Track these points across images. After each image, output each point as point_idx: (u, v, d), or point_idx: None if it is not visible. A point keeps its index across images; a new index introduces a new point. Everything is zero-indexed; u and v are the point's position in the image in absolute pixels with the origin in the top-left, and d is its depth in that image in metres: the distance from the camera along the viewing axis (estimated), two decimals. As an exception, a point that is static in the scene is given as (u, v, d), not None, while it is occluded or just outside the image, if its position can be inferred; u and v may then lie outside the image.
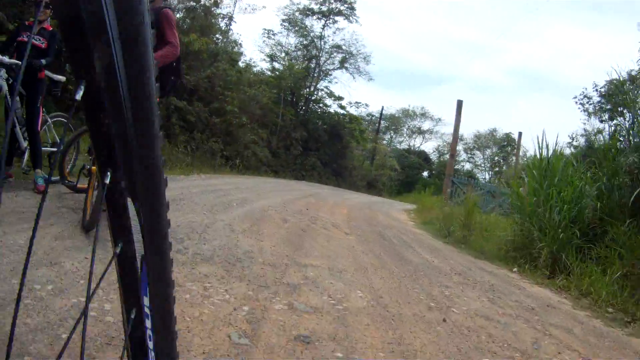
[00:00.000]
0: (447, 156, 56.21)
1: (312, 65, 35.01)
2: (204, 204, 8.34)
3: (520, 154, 31.31)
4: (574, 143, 26.15)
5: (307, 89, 33.97)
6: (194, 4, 22.06)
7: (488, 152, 57.13)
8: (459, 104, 22.52)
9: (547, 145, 10.74)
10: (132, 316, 0.77)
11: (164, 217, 0.72)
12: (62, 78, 7.00)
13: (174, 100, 18.70)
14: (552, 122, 74.42)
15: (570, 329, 5.13)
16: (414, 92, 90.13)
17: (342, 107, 35.77)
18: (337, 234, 8.37)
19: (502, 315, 5.10)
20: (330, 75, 36.08)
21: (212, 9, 23.34)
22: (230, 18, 26.84)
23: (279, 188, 17.32)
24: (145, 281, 0.76)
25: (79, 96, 0.51)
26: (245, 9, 29.50)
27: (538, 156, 10.95)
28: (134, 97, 0.56)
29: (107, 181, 0.60)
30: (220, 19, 25.55)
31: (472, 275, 7.32)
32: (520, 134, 29.27)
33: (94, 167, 5.26)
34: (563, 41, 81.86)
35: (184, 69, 6.98)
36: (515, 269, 8.81)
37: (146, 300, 0.77)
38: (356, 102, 39.88)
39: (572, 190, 9.33)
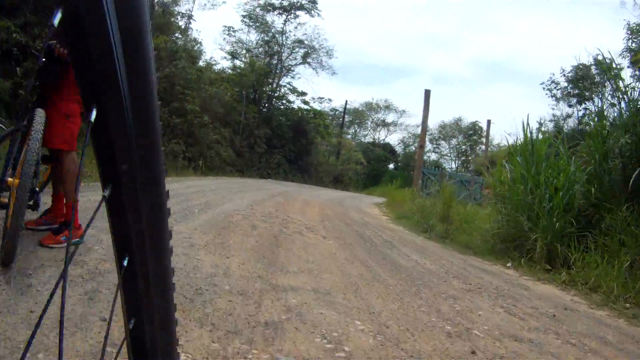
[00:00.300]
0: (413, 147, 55.75)
1: (274, 62, 33.59)
2: (160, 213, 7.01)
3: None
4: (542, 129, 25.81)
5: (270, 86, 32.57)
6: (152, -1, 20.59)
7: (454, 141, 56.35)
8: (427, 93, 21.79)
9: (531, 130, 9.93)
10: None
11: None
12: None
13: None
14: (516, 110, 74.54)
15: (603, 337, 4.34)
16: (378, 86, 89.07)
17: (305, 103, 34.55)
18: (314, 239, 7.22)
19: (529, 331, 4.13)
20: (293, 71, 34.77)
21: (172, 8, 21.89)
22: (190, 17, 25.45)
23: (244, 188, 16.02)
24: None
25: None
26: (205, 5, 27.93)
27: (521, 141, 10.11)
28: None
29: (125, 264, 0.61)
30: (179, 17, 24.07)
31: (471, 277, 6.34)
32: (489, 122, 28.63)
33: (10, 179, 4.01)
34: (524, 31, 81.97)
35: None
36: (509, 264, 7.90)
37: None
38: (319, 98, 38.64)
39: (564, 177, 8.45)
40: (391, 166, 53.77)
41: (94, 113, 0.46)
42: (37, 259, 3.70)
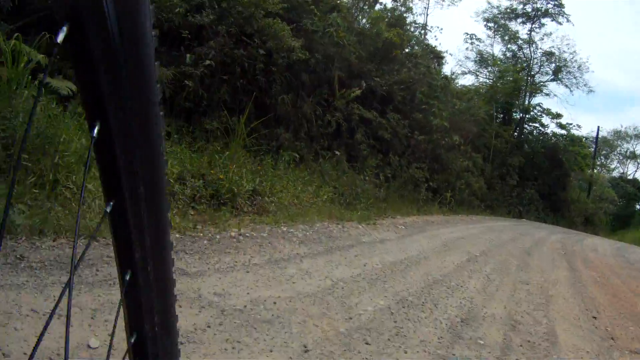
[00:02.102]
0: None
1: (524, 77, 24.91)
2: None
3: None
4: None
5: (521, 106, 23.99)
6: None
7: None
8: None
9: None
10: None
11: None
12: None
13: (359, 109, 10.79)
14: None
15: None
16: (606, 113, 71.83)
17: (562, 127, 25.06)
18: None
19: None
20: (543, 89, 25.65)
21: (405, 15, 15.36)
22: (424, 26, 18.80)
23: (520, 242, 10.53)
24: None
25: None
26: (443, 1, 21.19)
27: None
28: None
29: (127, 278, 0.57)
30: (412, 28, 17.41)
31: None
32: None
33: None
34: None
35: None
36: None
37: None
38: (567, 124, 28.73)
39: None
40: (638, 206, 40.81)
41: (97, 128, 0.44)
42: None
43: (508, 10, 25.56)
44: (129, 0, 0.40)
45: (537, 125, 24.83)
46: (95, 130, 0.43)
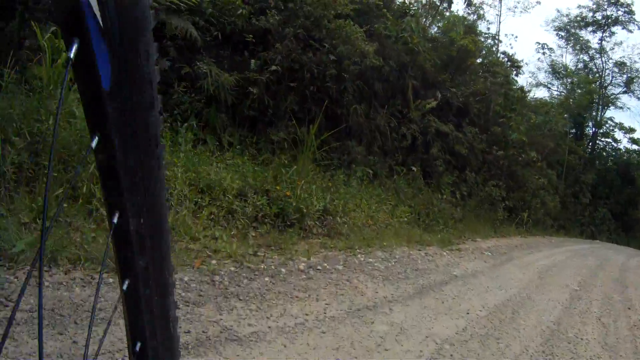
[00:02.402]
0: None
1: (597, 89, 22.53)
2: None
3: None
4: None
5: (593, 120, 21.66)
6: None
7: None
8: None
9: None
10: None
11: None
12: None
13: (435, 121, 9.41)
14: None
15: None
16: None
17: (635, 142, 22.46)
18: None
19: None
20: (616, 101, 23.12)
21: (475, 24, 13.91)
22: (495, 37, 17.26)
23: (608, 268, 8.73)
24: None
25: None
26: (516, 7, 19.43)
27: None
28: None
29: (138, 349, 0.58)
30: (482, 38, 15.80)
31: None
32: None
33: None
34: None
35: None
36: None
37: None
38: (639, 138, 25.93)
39: None
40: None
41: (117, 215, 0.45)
42: None
43: (578, 18, 23.56)
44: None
45: (609, 140, 22.43)
46: (115, 219, 0.44)
